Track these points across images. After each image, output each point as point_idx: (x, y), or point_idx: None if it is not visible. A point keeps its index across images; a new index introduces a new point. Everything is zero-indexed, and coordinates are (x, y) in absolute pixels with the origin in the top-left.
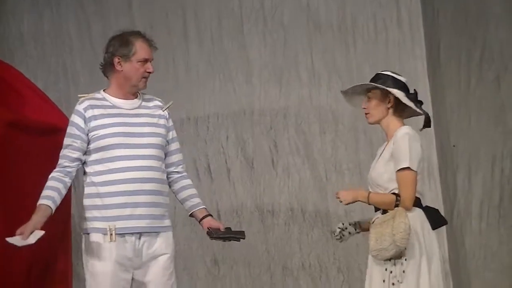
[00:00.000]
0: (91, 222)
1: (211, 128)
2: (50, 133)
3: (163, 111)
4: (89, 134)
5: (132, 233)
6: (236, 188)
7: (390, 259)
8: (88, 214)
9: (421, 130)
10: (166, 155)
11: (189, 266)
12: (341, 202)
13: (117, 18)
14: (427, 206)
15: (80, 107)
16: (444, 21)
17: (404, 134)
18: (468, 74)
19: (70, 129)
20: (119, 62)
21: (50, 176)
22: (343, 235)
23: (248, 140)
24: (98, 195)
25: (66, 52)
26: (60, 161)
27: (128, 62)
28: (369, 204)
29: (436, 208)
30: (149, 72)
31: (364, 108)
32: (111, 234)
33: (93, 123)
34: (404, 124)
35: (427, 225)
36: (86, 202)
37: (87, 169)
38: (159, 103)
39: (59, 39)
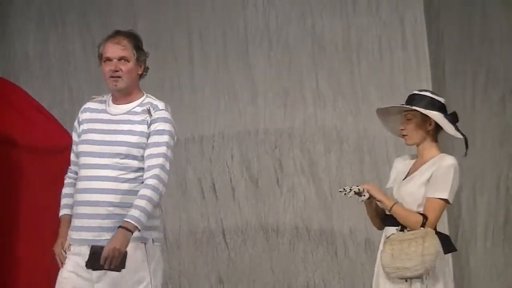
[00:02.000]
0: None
1: (216, 148)
2: (55, 152)
3: (148, 116)
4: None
5: (82, 245)
6: (241, 207)
7: (406, 280)
8: None
9: (465, 155)
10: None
11: (193, 285)
12: (361, 191)
13: None
14: (438, 231)
15: (80, 109)
16: (449, 42)
17: (451, 165)
18: (473, 95)
19: (73, 134)
20: (99, 65)
21: (65, 182)
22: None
23: (253, 159)
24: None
25: (71, 72)
26: (70, 166)
27: (101, 64)
28: (389, 212)
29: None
30: (115, 71)
31: (403, 129)
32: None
33: (80, 128)
34: (439, 148)
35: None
36: None
37: None
38: (150, 108)
39: (65, 59)
